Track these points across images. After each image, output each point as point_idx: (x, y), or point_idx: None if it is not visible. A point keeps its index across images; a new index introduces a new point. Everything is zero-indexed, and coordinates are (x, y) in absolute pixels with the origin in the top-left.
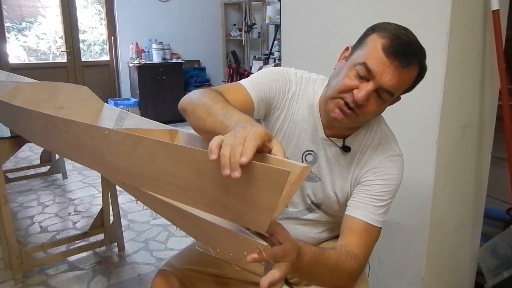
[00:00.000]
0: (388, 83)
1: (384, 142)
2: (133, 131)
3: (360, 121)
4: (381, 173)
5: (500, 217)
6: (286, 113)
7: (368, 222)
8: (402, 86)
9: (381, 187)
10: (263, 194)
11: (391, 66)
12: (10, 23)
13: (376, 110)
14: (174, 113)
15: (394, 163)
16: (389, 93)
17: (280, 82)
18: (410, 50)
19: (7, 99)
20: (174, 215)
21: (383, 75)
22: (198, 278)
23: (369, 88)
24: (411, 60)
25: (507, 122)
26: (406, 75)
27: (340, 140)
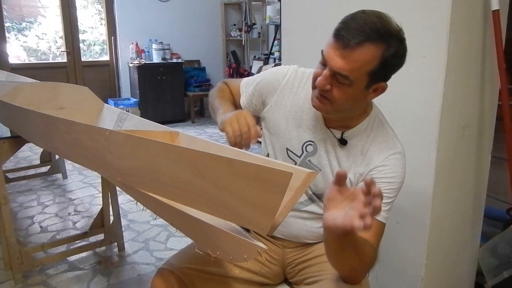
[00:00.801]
0: (336, 66)
1: (387, 140)
2: (134, 132)
3: (337, 109)
4: (387, 171)
5: (500, 217)
6: (277, 105)
7: (375, 219)
8: (356, 67)
9: (387, 184)
10: (265, 195)
11: (337, 49)
12: (10, 23)
13: (344, 95)
14: (174, 113)
15: (398, 161)
16: (343, 76)
17: (270, 82)
18: (357, 31)
19: (7, 99)
20: (174, 217)
21: (332, 59)
22: (198, 277)
23: (324, 73)
24: (351, 40)
25: (507, 122)
26: (357, 56)
27: (339, 132)
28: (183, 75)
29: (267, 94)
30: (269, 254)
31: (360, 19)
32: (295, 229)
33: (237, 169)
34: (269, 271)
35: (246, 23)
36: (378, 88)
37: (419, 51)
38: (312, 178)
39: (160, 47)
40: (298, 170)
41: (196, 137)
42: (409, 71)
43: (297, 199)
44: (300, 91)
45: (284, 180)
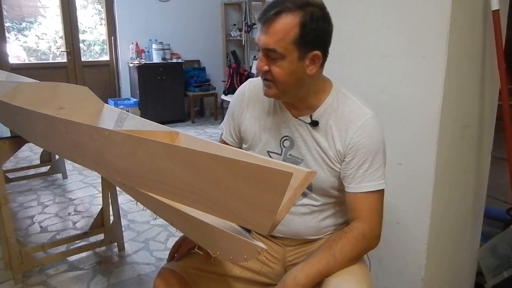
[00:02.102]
0: (262, 42)
1: (355, 108)
2: (134, 133)
3: (283, 89)
4: (364, 140)
5: (500, 217)
6: (249, 118)
7: (367, 191)
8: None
9: (368, 152)
10: (266, 195)
11: (261, 29)
12: (10, 23)
13: (282, 71)
14: (174, 113)
15: (372, 125)
16: (271, 51)
17: (235, 110)
18: (271, 6)
19: (7, 99)
20: (174, 217)
21: (258, 39)
22: (200, 277)
23: (259, 55)
24: (268, 14)
25: (507, 122)
26: (276, 28)
27: (307, 117)
28: (183, 75)
29: (238, 118)
30: (270, 254)
31: None
32: (295, 227)
33: (237, 169)
34: (271, 271)
35: (246, 23)
36: (314, 58)
37: (419, 51)
38: (311, 177)
39: (160, 47)
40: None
41: (196, 137)
42: (409, 71)
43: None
44: (262, 97)
45: (284, 180)
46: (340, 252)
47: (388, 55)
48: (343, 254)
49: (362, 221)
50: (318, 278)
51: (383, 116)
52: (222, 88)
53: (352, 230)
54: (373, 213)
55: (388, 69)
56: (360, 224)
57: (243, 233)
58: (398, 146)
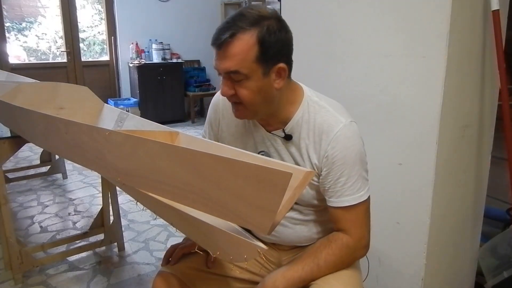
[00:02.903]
0: (222, 67)
1: (327, 118)
2: (134, 133)
3: (253, 109)
4: (338, 152)
5: (500, 217)
6: (225, 130)
7: (348, 205)
8: (239, 60)
9: (343, 166)
10: (265, 196)
11: (217, 54)
12: (10, 23)
13: (249, 91)
14: (174, 113)
15: (344, 136)
16: (233, 73)
17: (212, 120)
18: (221, 31)
19: (7, 99)
20: (174, 217)
21: (217, 65)
22: (199, 278)
23: (222, 80)
24: (222, 37)
25: (507, 122)
26: (233, 50)
27: (280, 131)
28: (183, 75)
29: (216, 128)
30: (265, 256)
31: (226, 19)
32: (287, 237)
33: (237, 169)
34: (267, 272)
35: None
36: (279, 70)
37: (419, 51)
38: (310, 177)
39: (160, 47)
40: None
41: (196, 137)
42: (409, 71)
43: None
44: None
45: (284, 180)
46: (324, 261)
47: (388, 55)
48: (327, 264)
49: (348, 232)
50: (298, 284)
51: (383, 116)
52: None
53: (337, 240)
54: (356, 225)
55: (388, 69)
56: (343, 235)
57: (243, 233)
58: (398, 146)
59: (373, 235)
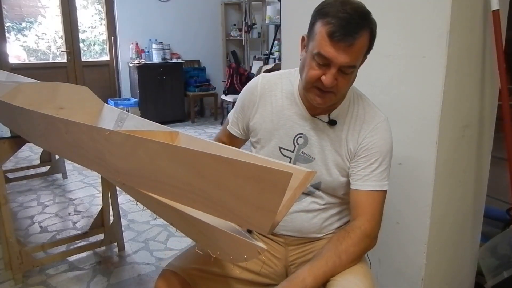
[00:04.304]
0: (345, 61)
1: (369, 110)
2: (134, 133)
3: (340, 97)
4: (376, 141)
5: (500, 217)
6: (261, 113)
7: (372, 190)
8: (359, 55)
9: (379, 154)
10: (266, 195)
11: (341, 48)
12: (10, 23)
13: (348, 82)
14: (174, 113)
15: (383, 128)
16: (350, 67)
17: (245, 103)
18: (351, 26)
19: (7, 99)
20: (174, 217)
21: (337, 57)
22: (202, 278)
23: (332, 72)
24: (355, 35)
25: (507, 122)
26: (358, 47)
27: (325, 116)
28: (183, 75)
29: (249, 111)
30: (271, 254)
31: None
32: (298, 223)
33: (237, 169)
34: (272, 271)
35: (246, 23)
36: (363, 60)
37: (419, 51)
38: (310, 177)
39: (160, 47)
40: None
41: (196, 137)
42: (409, 71)
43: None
44: (276, 93)
45: (284, 180)
46: (346, 253)
47: (388, 55)
48: (348, 255)
49: (363, 219)
50: (323, 280)
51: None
52: (222, 88)
53: (355, 229)
54: (375, 212)
55: (388, 69)
56: (362, 223)
57: (243, 233)
58: (398, 146)
59: None
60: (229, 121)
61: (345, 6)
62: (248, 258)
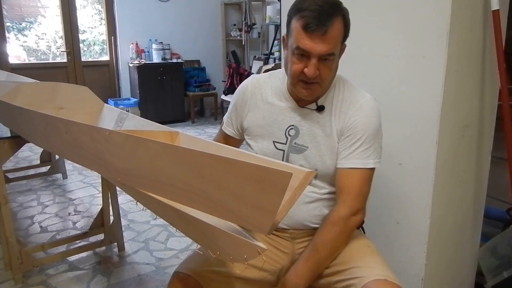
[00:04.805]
0: (323, 50)
1: (354, 92)
2: (134, 133)
3: (325, 87)
4: (360, 120)
5: (500, 217)
6: (253, 111)
7: (353, 167)
8: (336, 42)
9: (362, 131)
10: (265, 195)
11: (316, 38)
12: (10, 23)
13: (330, 71)
14: (174, 113)
15: (368, 107)
16: (329, 55)
17: (238, 103)
18: (323, 16)
19: (7, 99)
20: (174, 217)
21: (315, 47)
22: (215, 279)
23: (313, 62)
24: (327, 23)
25: (507, 122)
26: (333, 34)
27: (313, 104)
28: (183, 75)
29: (241, 111)
30: (279, 250)
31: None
32: (300, 216)
33: (237, 169)
34: (282, 268)
35: (246, 23)
36: (343, 48)
37: (419, 51)
38: (311, 177)
39: (160, 47)
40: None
41: (196, 137)
42: (409, 71)
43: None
44: (266, 90)
45: (284, 180)
46: (321, 243)
47: (388, 55)
48: (324, 245)
49: (342, 199)
50: (313, 275)
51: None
52: (222, 88)
53: (330, 216)
54: (353, 191)
55: (388, 69)
56: (337, 207)
57: (243, 233)
58: (398, 146)
59: (373, 235)
60: (224, 123)
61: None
62: (248, 258)
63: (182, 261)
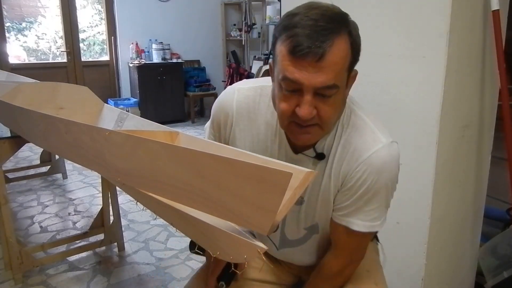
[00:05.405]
0: (319, 81)
1: (363, 134)
2: (134, 133)
3: (327, 129)
4: (366, 178)
5: (500, 217)
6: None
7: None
8: (338, 70)
9: (367, 192)
10: (265, 196)
11: (308, 65)
12: (10, 23)
13: (333, 109)
14: (174, 113)
15: (381, 160)
16: (329, 88)
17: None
18: (317, 34)
19: (7, 99)
20: (174, 217)
21: (307, 78)
22: None
23: (307, 99)
24: (324, 45)
25: (507, 122)
26: (333, 59)
27: (311, 150)
28: (183, 75)
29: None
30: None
31: (307, 21)
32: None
33: (237, 169)
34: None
35: (246, 23)
36: (352, 77)
37: (419, 51)
38: (311, 177)
39: (160, 47)
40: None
41: (196, 137)
42: (409, 71)
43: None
44: (257, 119)
45: (284, 180)
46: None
47: (388, 55)
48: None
49: (334, 253)
50: None
51: (383, 116)
52: (222, 88)
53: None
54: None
55: (388, 69)
56: (329, 260)
57: (243, 233)
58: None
59: None
60: (206, 134)
61: (311, 11)
62: (248, 258)
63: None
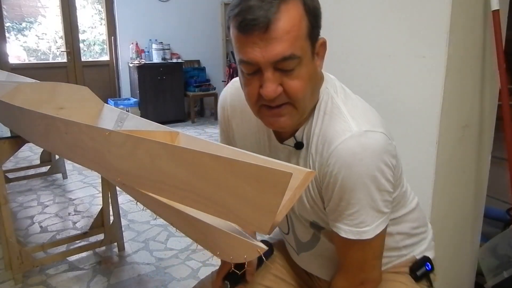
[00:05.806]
0: (273, 54)
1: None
2: (134, 132)
3: (303, 107)
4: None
5: (500, 217)
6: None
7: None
8: (292, 38)
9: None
10: (265, 196)
11: (259, 40)
12: (10, 23)
13: (301, 83)
14: (174, 113)
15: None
16: (288, 58)
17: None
18: (259, 6)
19: (7, 99)
20: (174, 217)
21: (261, 53)
22: None
23: (267, 76)
24: (270, 12)
25: (507, 122)
26: (283, 26)
27: (291, 138)
28: (183, 75)
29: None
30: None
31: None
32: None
33: (237, 169)
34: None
35: None
36: (322, 46)
37: (419, 51)
38: (311, 177)
39: (160, 47)
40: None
41: (196, 137)
42: (409, 71)
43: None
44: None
45: (284, 180)
46: None
47: (388, 55)
48: None
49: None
50: None
51: (383, 116)
52: (222, 88)
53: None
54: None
55: (388, 69)
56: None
57: (243, 233)
58: (398, 146)
59: None
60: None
61: None
62: (248, 258)
63: None
